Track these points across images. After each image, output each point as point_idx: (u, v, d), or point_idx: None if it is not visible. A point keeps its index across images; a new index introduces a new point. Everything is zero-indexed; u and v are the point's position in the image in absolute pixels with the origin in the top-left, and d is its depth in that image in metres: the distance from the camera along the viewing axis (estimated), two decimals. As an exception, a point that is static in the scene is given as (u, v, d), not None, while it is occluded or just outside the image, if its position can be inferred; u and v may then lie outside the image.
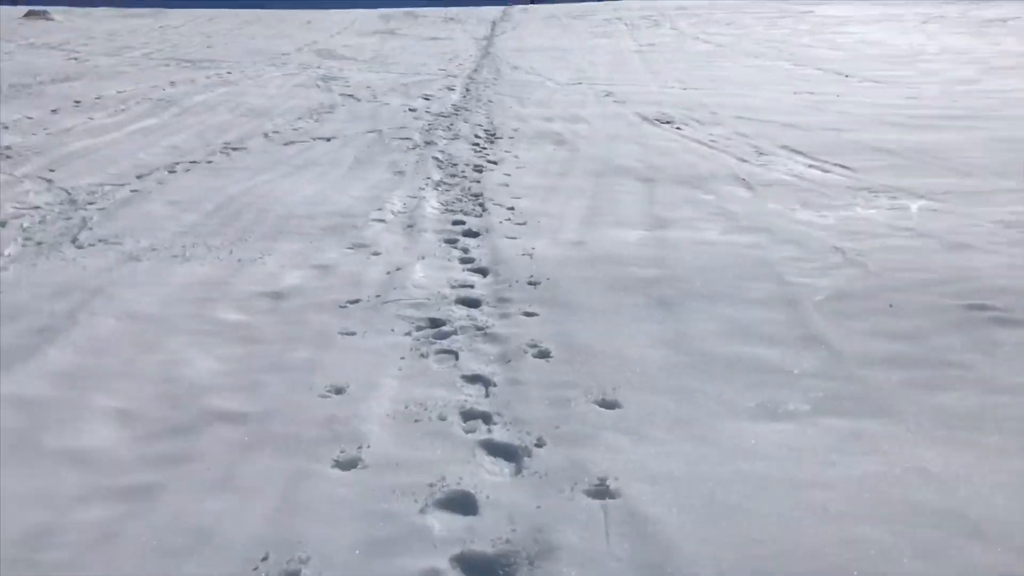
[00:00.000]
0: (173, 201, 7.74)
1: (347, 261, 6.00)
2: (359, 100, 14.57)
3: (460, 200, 8.02)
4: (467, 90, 16.34)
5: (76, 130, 11.13)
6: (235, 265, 5.87)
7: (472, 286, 5.46)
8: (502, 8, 39.84)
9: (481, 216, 7.35)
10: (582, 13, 36.76)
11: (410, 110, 13.59)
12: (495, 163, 9.80)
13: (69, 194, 8.01)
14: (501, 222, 7.08)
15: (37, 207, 7.53)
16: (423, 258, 6.03)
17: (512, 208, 7.58)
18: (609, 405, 3.73)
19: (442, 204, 7.84)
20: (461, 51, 25.24)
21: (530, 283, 5.43)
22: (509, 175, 9.14)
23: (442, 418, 3.65)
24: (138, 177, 8.81)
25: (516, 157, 10.11)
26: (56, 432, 3.58)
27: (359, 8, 40.33)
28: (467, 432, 3.55)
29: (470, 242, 6.54)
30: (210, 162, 9.56)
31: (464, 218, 7.28)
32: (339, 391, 3.92)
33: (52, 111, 12.41)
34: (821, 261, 5.88)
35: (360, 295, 5.25)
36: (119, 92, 14.37)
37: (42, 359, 4.29)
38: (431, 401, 3.82)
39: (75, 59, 21.15)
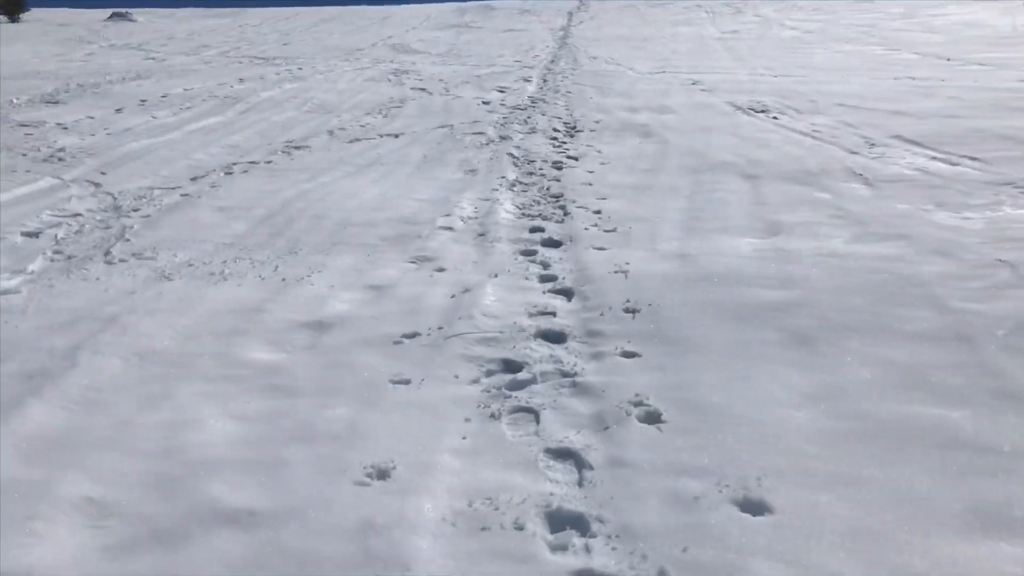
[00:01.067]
0: (223, 207, 6.82)
1: (407, 279, 4.96)
2: (431, 94, 13.57)
3: (538, 202, 6.94)
4: (544, 81, 15.23)
5: (136, 129, 10.36)
6: (278, 285, 4.88)
7: (554, 313, 4.36)
8: (579, -1, 38.61)
9: (563, 221, 6.26)
10: (661, 1, 35.30)
11: (484, 103, 12.54)
12: (576, 159, 8.69)
13: (115, 199, 7.16)
14: (586, 228, 5.98)
15: (78, 214, 6.68)
16: (495, 276, 4.96)
17: (598, 212, 6.47)
18: (755, 508, 2.58)
19: (518, 207, 6.77)
20: (537, 42, 24.13)
21: (627, 310, 4.31)
22: (592, 172, 8.04)
23: (519, 526, 2.56)
24: (192, 179, 7.94)
25: (599, 152, 8.99)
26: None
27: (435, 3, 39.49)
28: (555, 551, 2.45)
29: (551, 254, 5.45)
30: (269, 162, 8.64)
31: (543, 224, 6.20)
32: (382, 474, 2.86)
33: (116, 110, 11.69)
34: (986, 278, 4.64)
35: (419, 326, 4.20)
36: (186, 90, 13.63)
37: (20, 418, 3.34)
38: (504, 494, 2.73)
39: (152, 59, 20.65)
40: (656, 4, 34.69)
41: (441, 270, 5.14)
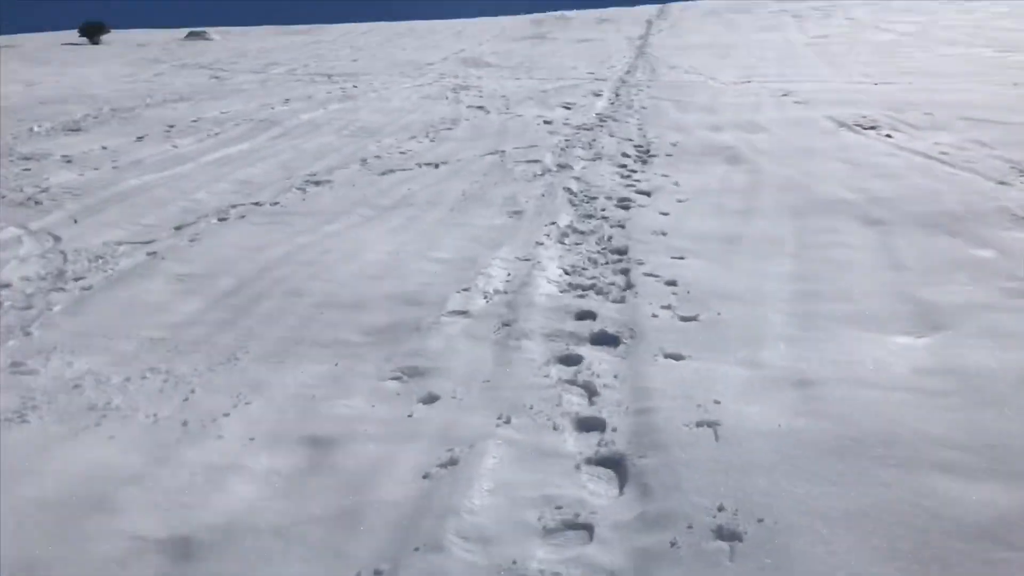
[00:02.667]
0: (184, 275, 5.11)
1: (370, 426, 3.13)
2: (488, 113, 11.75)
3: (594, 262, 5.07)
4: (616, 95, 13.28)
5: (146, 162, 8.80)
6: (169, 439, 3.09)
7: (591, 528, 2.43)
8: (658, 6, 36.40)
9: (623, 299, 4.36)
10: (746, 7, 32.87)
11: (545, 123, 10.67)
12: (648, 194, 6.79)
13: (64, 261, 5.53)
14: (655, 314, 4.07)
15: (6, 286, 5.05)
16: (508, 420, 3.08)
17: (673, 283, 4.55)
18: None
19: (565, 271, 4.90)
20: (614, 52, 22.14)
21: (722, 532, 2.32)
22: (667, 214, 6.13)
23: None
24: (176, 228, 6.30)
25: (677, 185, 7.06)
26: None
27: (510, 15, 37.78)
28: None
29: (601, 365, 3.55)
30: (276, 204, 6.94)
31: (596, 303, 4.31)
32: None
33: (137, 138, 10.19)
34: None
35: (359, 548, 2.36)
36: (222, 113, 12.09)
37: None
38: None
39: (216, 78, 19.37)
40: (740, 10, 32.27)
41: (431, 400, 3.29)
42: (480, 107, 12.31)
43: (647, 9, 36.39)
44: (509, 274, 4.86)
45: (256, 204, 6.96)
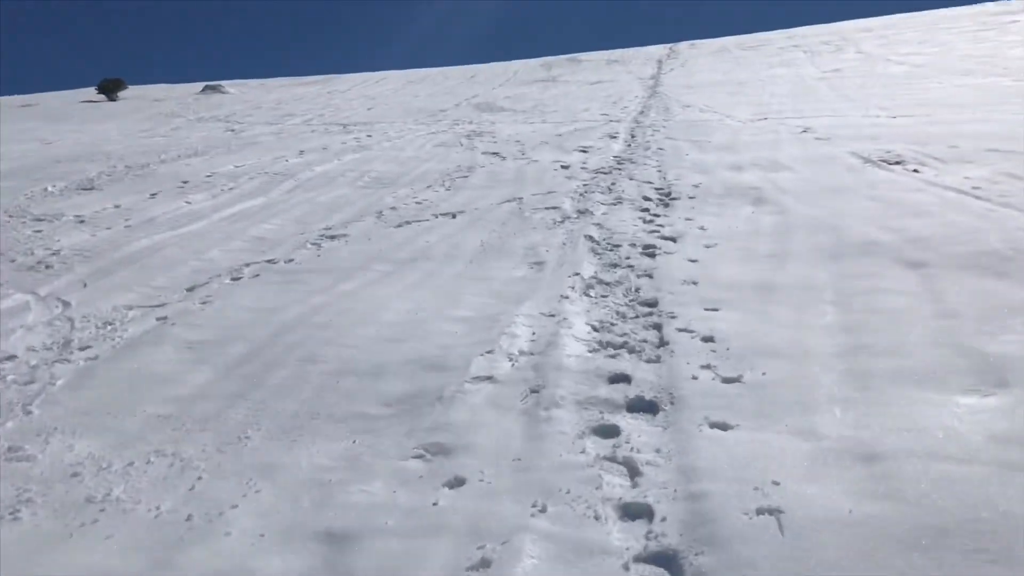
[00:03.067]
0: (195, 341, 4.85)
1: (392, 518, 2.82)
2: (503, 159, 11.55)
3: (623, 316, 4.78)
4: (632, 136, 13.07)
5: (159, 220, 8.60)
6: (171, 539, 2.79)
7: None
8: (668, 45, 36.40)
9: (658, 358, 4.06)
10: (755, 44, 32.81)
11: (562, 167, 10.44)
12: (673, 240, 6.51)
13: (72, 328, 5.28)
14: (695, 376, 3.77)
15: (11, 357, 4.81)
16: (543, 509, 2.76)
17: (711, 339, 4.25)
18: None
19: (593, 328, 4.61)
20: (626, 93, 22.03)
21: None
22: (696, 261, 5.84)
23: None
24: (188, 289, 6.06)
25: (703, 229, 6.77)
26: None
27: (521, 59, 37.89)
28: None
29: (641, 438, 3.24)
30: (290, 261, 6.70)
31: (629, 364, 4.01)
32: None
33: (151, 195, 10.02)
34: None
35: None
36: (236, 167, 11.93)
37: None
38: None
39: (231, 131, 19.34)
40: (749, 47, 32.19)
41: (457, 484, 2.98)
42: (495, 153, 12.11)
43: (657, 49, 36.41)
44: (534, 332, 4.56)
45: (270, 262, 6.72)
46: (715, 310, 4.75)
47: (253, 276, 6.33)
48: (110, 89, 32.05)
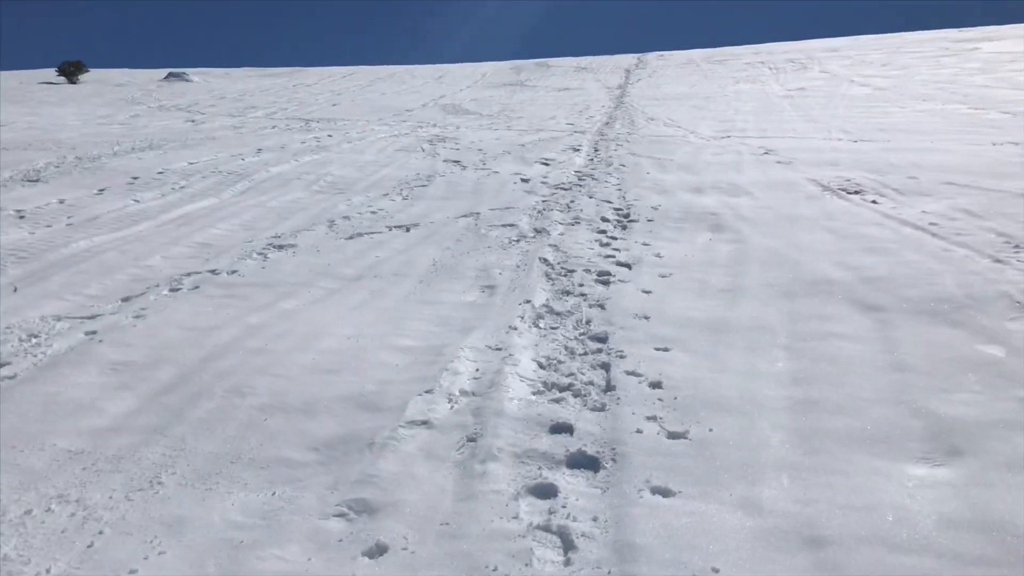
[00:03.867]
0: (121, 362, 4.56)
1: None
2: (464, 168, 11.32)
3: (572, 352, 4.59)
4: (596, 150, 12.92)
5: (103, 219, 8.26)
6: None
7: None
8: (636, 55, 36.36)
9: (603, 405, 3.86)
10: (723, 58, 32.87)
11: (523, 180, 10.25)
12: (629, 267, 6.34)
13: (-6, 340, 4.96)
14: (639, 429, 3.58)
15: (-78, 370, 4.49)
16: (465, 591, 2.56)
17: (659, 385, 4.06)
18: None
19: (540, 365, 4.41)
20: (592, 102, 21.90)
21: None
22: (650, 292, 5.66)
23: None
24: (124, 299, 5.78)
25: (659, 257, 6.61)
26: None
27: (491, 61, 37.63)
28: None
29: (577, 501, 3.04)
30: (234, 272, 6.42)
31: (573, 412, 3.80)
32: None
33: (99, 191, 9.66)
34: None
35: None
36: (190, 164, 11.58)
37: None
38: None
39: (191, 121, 18.92)
40: (716, 60, 32.24)
41: (379, 552, 2.76)
42: (456, 161, 11.88)
43: (626, 58, 36.38)
44: (478, 369, 4.35)
45: (212, 272, 6.44)
46: (666, 350, 4.58)
47: (192, 288, 6.05)
48: (71, 72, 31.26)
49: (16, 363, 4.61)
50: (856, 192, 9.03)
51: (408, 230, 7.77)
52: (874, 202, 8.48)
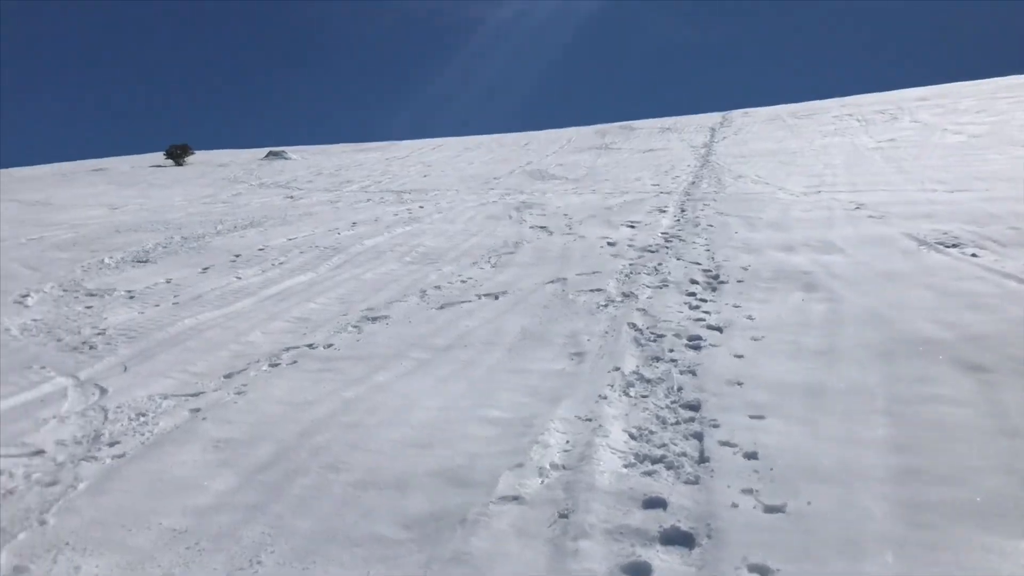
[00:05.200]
0: (223, 440, 4.69)
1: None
2: (551, 233, 11.40)
3: (663, 422, 4.51)
4: (682, 210, 12.84)
5: (207, 297, 8.57)
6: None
7: None
8: (721, 114, 36.25)
9: (697, 478, 3.77)
10: (808, 112, 32.51)
11: (609, 244, 10.25)
12: (720, 330, 6.23)
13: (105, 419, 5.18)
14: (735, 504, 3.48)
15: (39, 452, 4.70)
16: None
17: (754, 455, 3.96)
18: None
19: (632, 436, 4.35)
20: (678, 162, 21.86)
21: None
22: (742, 357, 5.54)
23: None
24: (226, 376, 5.95)
25: (750, 319, 6.48)
26: None
27: (575, 126, 38.03)
28: None
29: (673, 579, 2.96)
30: (330, 345, 6.57)
31: (666, 486, 3.72)
32: None
33: (203, 270, 10.04)
34: None
35: None
36: (289, 240, 11.96)
37: None
38: None
39: (290, 197, 19.59)
40: (803, 115, 31.89)
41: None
42: (543, 227, 11.97)
43: (710, 117, 36.30)
44: (568, 441, 4.32)
45: (310, 346, 6.59)
46: (760, 417, 4.46)
47: (291, 363, 6.19)
48: (178, 155, 32.87)
49: (125, 442, 4.78)
50: (954, 245, 8.72)
51: (497, 298, 7.83)
52: (974, 255, 8.17)
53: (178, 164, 32.34)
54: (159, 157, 34.88)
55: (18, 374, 6.23)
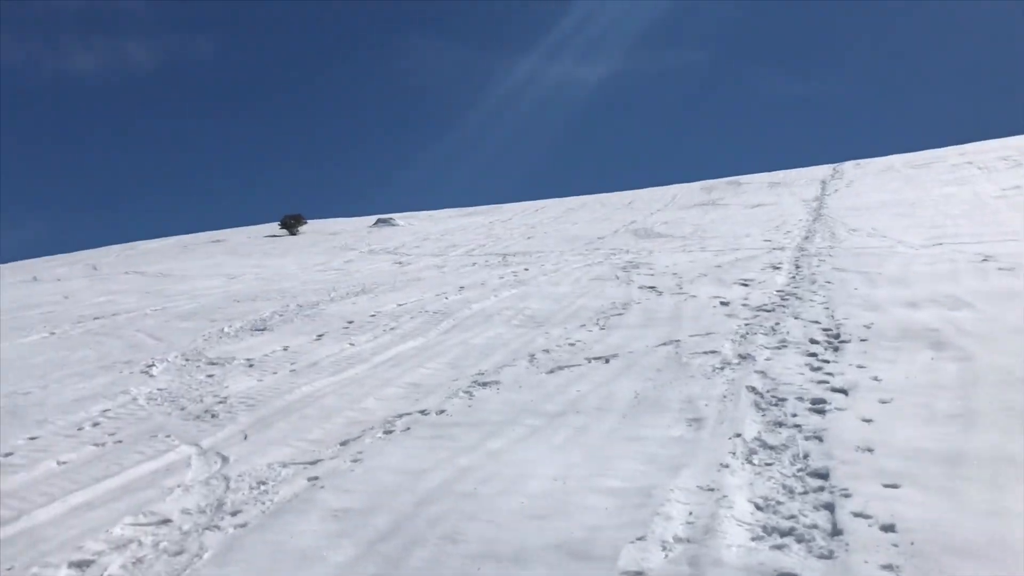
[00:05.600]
0: (340, 509, 4.72)
1: None
2: (660, 293, 11.26)
3: (790, 491, 4.33)
4: (797, 267, 12.52)
5: (322, 364, 8.76)
6: None
7: None
8: (832, 166, 35.49)
9: (831, 552, 3.59)
10: (925, 161, 31.50)
11: (722, 304, 10.04)
12: (845, 392, 5.98)
13: (227, 488, 5.30)
14: (876, 582, 3.27)
15: (166, 521, 4.84)
16: None
17: (891, 527, 3.74)
18: None
19: (757, 507, 4.18)
20: (789, 216, 21.43)
21: None
22: (871, 421, 5.30)
23: None
24: (342, 444, 6.04)
25: (876, 380, 6.21)
26: None
27: (679, 182, 37.83)
28: None
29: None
30: (442, 411, 6.59)
31: (798, 561, 3.55)
32: None
33: (317, 336, 10.29)
34: None
35: None
36: (399, 305, 12.17)
37: None
38: None
39: (399, 263, 20.04)
40: (919, 164, 30.91)
41: None
42: (652, 287, 11.84)
43: (821, 169, 35.58)
44: (691, 512, 4.17)
45: (422, 413, 6.63)
46: (895, 487, 4.23)
47: (404, 430, 6.23)
48: (291, 224, 34.13)
49: (247, 511, 4.87)
50: (1097, 297, 8.21)
51: (607, 361, 7.73)
52: (1120, 307, 7.67)
53: (292, 233, 33.56)
54: (274, 227, 36.26)
55: (145, 443, 6.47)
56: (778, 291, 10.54)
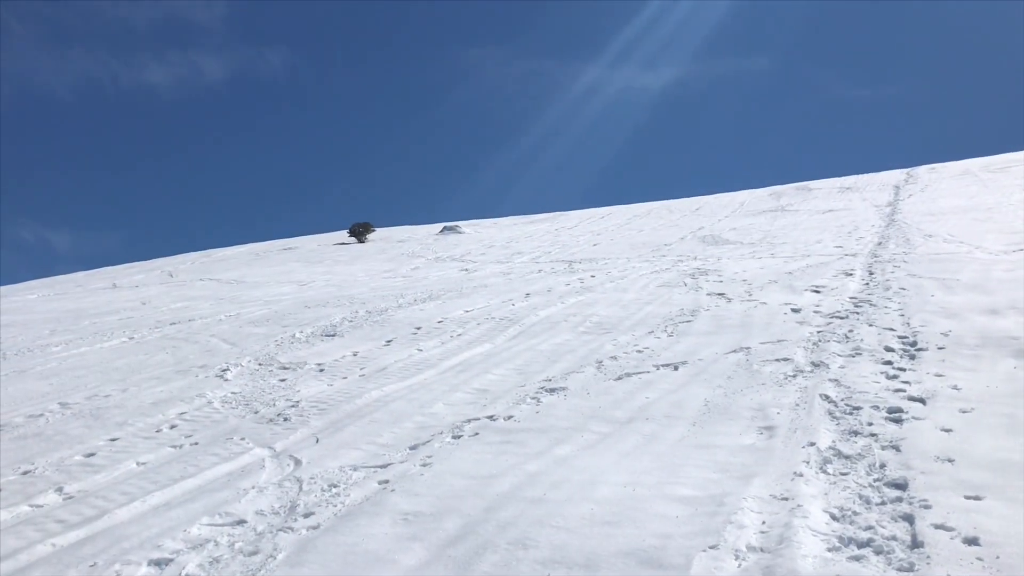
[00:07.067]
0: (411, 513, 4.75)
1: None
2: (729, 300, 11.10)
3: (867, 502, 4.22)
4: (870, 273, 12.24)
5: (391, 369, 8.84)
6: None
7: None
8: (905, 170, 34.64)
9: (912, 565, 3.49)
10: (1003, 165, 30.54)
11: (793, 311, 9.86)
12: (923, 401, 5.83)
13: (300, 490, 5.38)
14: (960, 596, 3.17)
15: (241, 522, 4.93)
16: None
17: (975, 541, 3.62)
18: None
19: (833, 517, 4.09)
20: (861, 222, 20.97)
21: None
22: (950, 431, 5.14)
23: None
24: (411, 448, 6.07)
25: (956, 389, 6.03)
26: None
27: (747, 188, 37.30)
28: None
29: None
30: (510, 417, 6.59)
31: (877, 574, 3.45)
32: None
33: (386, 342, 10.39)
34: None
35: None
36: (466, 312, 12.22)
37: None
38: None
39: (465, 270, 20.13)
40: (997, 168, 29.97)
41: None
42: (720, 294, 11.69)
43: (893, 174, 34.75)
44: (764, 522, 4.10)
45: (490, 418, 6.64)
46: (978, 498, 4.09)
47: (473, 435, 6.25)
48: (360, 232, 34.56)
49: (319, 513, 4.93)
50: None
51: (676, 368, 7.65)
52: None
53: (360, 241, 33.97)
54: (343, 235, 36.77)
55: (220, 445, 6.60)
56: (851, 298, 10.31)
